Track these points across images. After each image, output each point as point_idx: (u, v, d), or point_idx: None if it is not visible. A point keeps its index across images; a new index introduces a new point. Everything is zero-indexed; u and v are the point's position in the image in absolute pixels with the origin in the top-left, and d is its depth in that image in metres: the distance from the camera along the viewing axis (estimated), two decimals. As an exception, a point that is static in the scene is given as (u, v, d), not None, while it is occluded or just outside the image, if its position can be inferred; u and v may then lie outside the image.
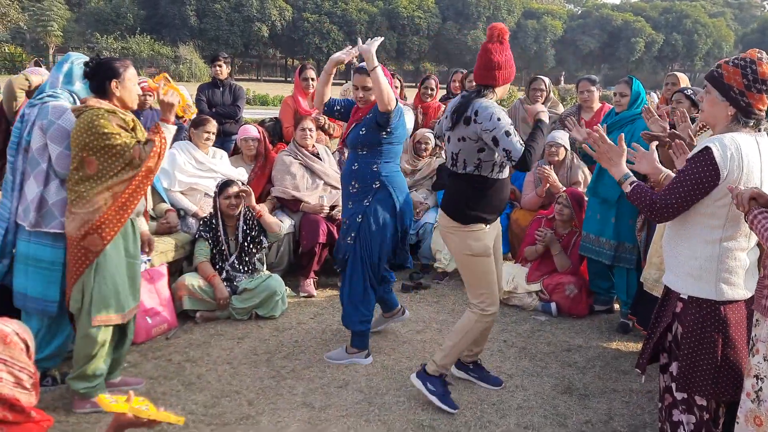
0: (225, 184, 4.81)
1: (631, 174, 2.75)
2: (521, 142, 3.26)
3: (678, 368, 2.66)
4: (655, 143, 3.54)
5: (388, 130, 3.85)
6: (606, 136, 2.84)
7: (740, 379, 2.61)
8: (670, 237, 2.71)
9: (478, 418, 3.47)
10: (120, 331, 3.52)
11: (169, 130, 3.40)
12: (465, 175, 3.43)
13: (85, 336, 3.29)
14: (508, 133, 3.23)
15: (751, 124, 2.54)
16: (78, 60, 3.57)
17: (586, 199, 5.14)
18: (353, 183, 3.96)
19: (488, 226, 3.47)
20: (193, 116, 4.00)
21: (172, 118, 3.45)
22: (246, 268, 4.84)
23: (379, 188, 3.92)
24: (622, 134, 2.90)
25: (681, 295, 2.66)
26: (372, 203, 3.92)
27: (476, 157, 3.36)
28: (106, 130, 3.14)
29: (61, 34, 47.60)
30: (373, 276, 4.03)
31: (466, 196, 3.42)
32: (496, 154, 3.33)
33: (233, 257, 4.80)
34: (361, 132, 3.89)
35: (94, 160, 3.18)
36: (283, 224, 5.34)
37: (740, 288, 2.57)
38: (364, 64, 3.78)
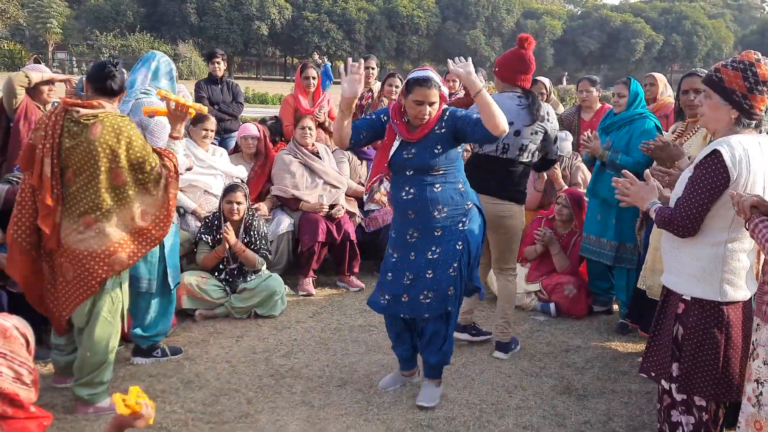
0: (230, 189, 4.80)
1: (657, 201, 2.71)
2: None
3: (679, 369, 2.66)
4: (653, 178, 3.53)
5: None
6: (635, 178, 2.82)
7: (741, 379, 2.61)
8: (671, 238, 2.70)
9: (476, 418, 3.47)
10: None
11: (178, 146, 3.44)
12: (523, 163, 4.02)
13: (95, 345, 3.27)
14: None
15: (753, 125, 2.54)
16: (163, 58, 4.02)
17: (586, 200, 5.14)
18: (439, 208, 3.37)
19: None
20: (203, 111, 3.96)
21: (182, 133, 3.48)
22: (245, 272, 4.83)
23: (470, 208, 3.48)
24: (648, 171, 2.88)
25: (683, 297, 2.66)
26: (468, 225, 3.46)
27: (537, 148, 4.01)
28: (138, 147, 3.16)
29: (61, 31, 47.48)
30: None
31: (523, 180, 4.10)
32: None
33: (235, 265, 4.79)
34: (436, 151, 3.34)
35: (121, 173, 3.15)
36: (283, 223, 5.34)
37: (742, 289, 2.58)
38: (420, 72, 3.34)
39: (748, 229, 2.37)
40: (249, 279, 4.78)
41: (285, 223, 5.37)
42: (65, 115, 3.14)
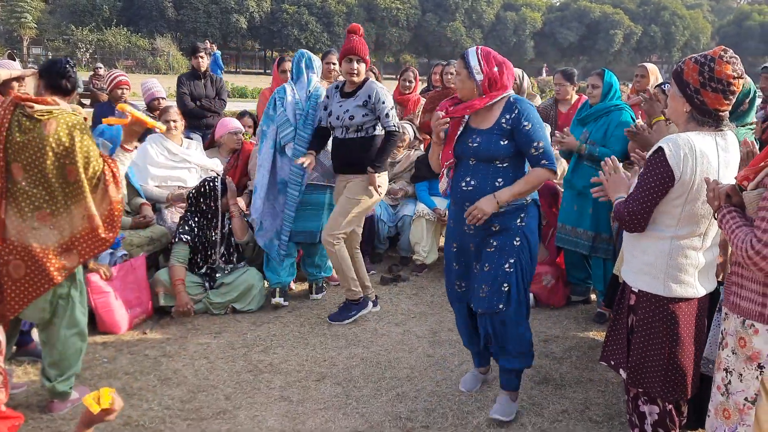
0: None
1: (624, 196, 2.71)
2: None
3: (630, 362, 2.69)
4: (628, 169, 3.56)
5: None
6: (619, 166, 2.83)
7: (689, 378, 2.64)
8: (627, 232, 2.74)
9: (456, 410, 3.48)
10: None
11: (126, 159, 3.42)
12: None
13: (70, 335, 3.24)
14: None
15: (709, 123, 2.50)
16: (310, 56, 4.83)
17: (561, 190, 5.17)
18: None
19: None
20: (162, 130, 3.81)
21: (133, 146, 3.46)
22: (231, 259, 4.81)
23: (529, 203, 3.34)
24: (637, 170, 2.89)
25: (633, 289, 2.69)
26: (525, 221, 3.32)
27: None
28: (89, 147, 3.12)
29: (36, 26, 46.82)
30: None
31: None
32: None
33: (222, 247, 4.77)
34: (502, 143, 3.20)
35: (75, 170, 3.10)
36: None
37: (690, 286, 2.59)
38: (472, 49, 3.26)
39: (716, 219, 2.38)
40: (234, 261, 4.81)
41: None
42: (15, 109, 3.08)
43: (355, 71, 4.40)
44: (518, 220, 3.29)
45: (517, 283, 3.28)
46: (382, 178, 4.57)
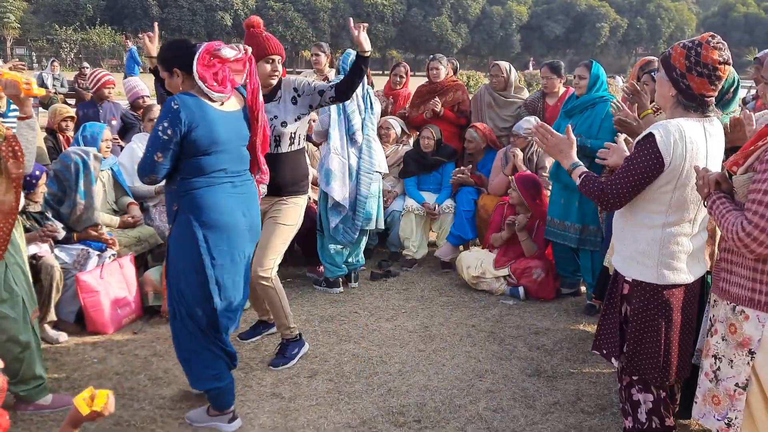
0: None
1: (580, 163, 2.73)
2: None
3: (626, 350, 2.70)
4: (623, 136, 3.58)
5: None
6: (551, 129, 2.84)
7: (684, 362, 2.66)
8: (617, 220, 2.75)
9: (447, 403, 3.49)
10: None
11: (27, 126, 3.17)
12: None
13: (7, 343, 3.12)
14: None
15: (695, 107, 2.51)
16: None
17: (544, 182, 5.19)
18: None
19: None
20: (40, 94, 3.42)
21: (29, 110, 3.20)
22: None
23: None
24: (569, 125, 2.91)
25: (626, 278, 2.70)
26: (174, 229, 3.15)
27: None
28: None
29: (19, 26, 46.44)
30: None
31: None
32: None
33: None
34: None
35: None
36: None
37: (682, 272, 2.60)
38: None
39: (706, 206, 2.39)
40: None
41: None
42: None
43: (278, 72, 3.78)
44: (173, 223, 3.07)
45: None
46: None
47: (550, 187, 5.10)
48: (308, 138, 5.63)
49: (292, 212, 3.87)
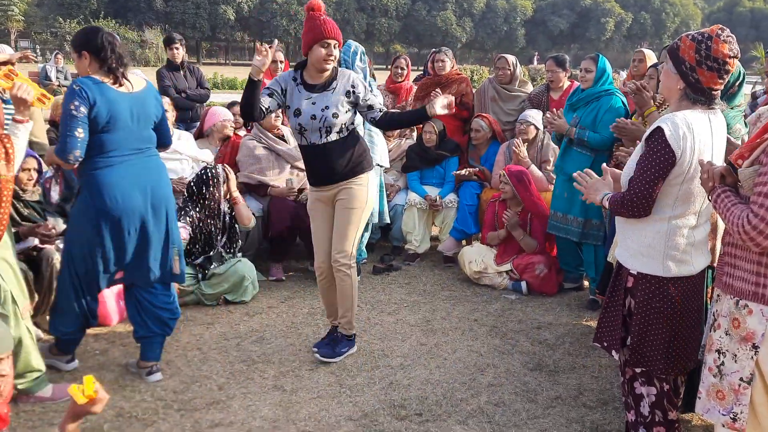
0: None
1: (609, 192, 2.70)
2: None
3: (630, 343, 2.69)
4: (610, 168, 3.53)
5: None
6: (591, 172, 2.82)
7: (690, 353, 2.65)
8: None
9: (449, 397, 3.48)
10: None
11: (24, 129, 3.16)
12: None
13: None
14: None
15: (702, 101, 2.49)
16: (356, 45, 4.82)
17: (553, 177, 5.16)
18: None
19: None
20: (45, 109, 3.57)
21: (27, 117, 3.20)
22: (233, 247, 4.82)
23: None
24: (605, 165, 2.87)
25: (631, 271, 2.68)
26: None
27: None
28: None
29: (23, 18, 46.47)
30: None
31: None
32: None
33: (224, 238, 4.76)
34: None
35: None
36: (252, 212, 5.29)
37: (688, 264, 2.58)
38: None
39: (710, 200, 2.37)
40: (233, 251, 4.82)
41: (254, 209, 5.30)
42: None
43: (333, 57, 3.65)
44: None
45: None
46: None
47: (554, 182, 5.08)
48: None
49: (357, 193, 3.78)
